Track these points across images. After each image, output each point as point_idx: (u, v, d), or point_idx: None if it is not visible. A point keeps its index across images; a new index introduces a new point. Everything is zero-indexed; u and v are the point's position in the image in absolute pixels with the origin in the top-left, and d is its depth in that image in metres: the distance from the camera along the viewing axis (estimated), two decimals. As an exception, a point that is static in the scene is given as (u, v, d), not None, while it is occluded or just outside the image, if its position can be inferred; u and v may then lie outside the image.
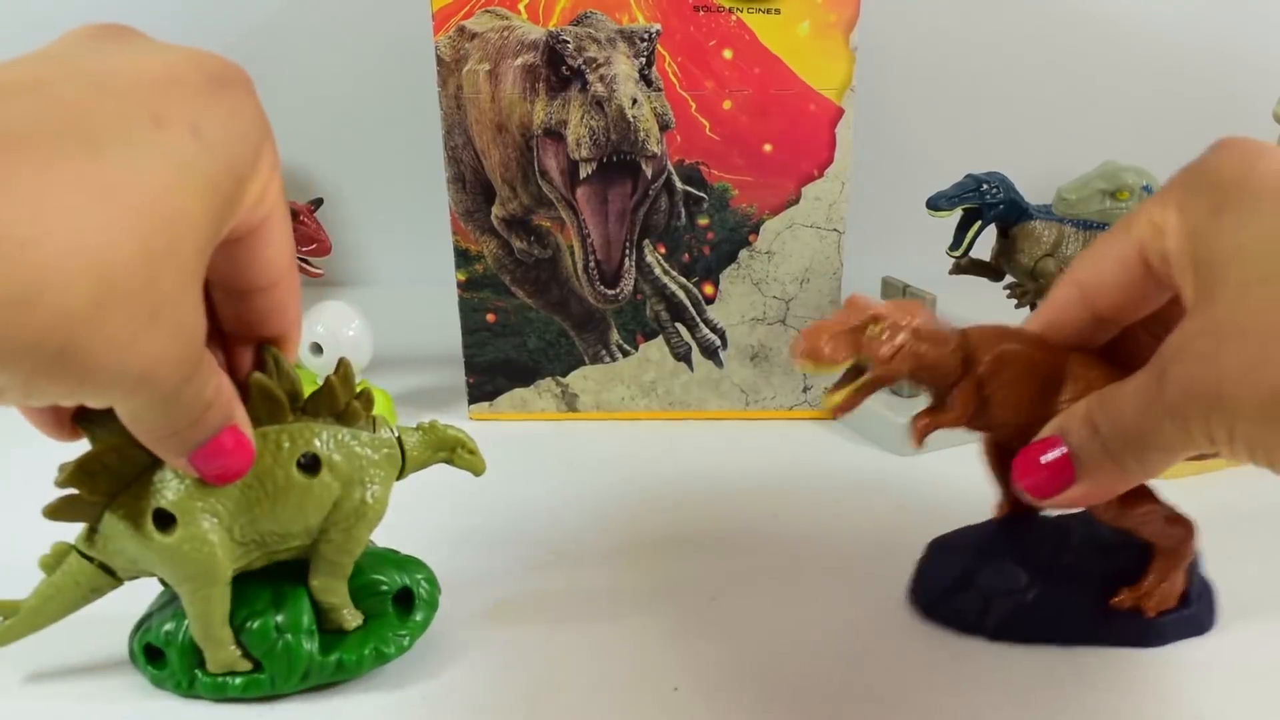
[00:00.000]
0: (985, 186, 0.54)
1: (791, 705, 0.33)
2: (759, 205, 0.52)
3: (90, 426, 0.29)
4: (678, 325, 0.54)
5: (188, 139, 0.23)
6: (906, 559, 0.39)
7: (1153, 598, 0.35)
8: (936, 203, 0.53)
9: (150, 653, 0.33)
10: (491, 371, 0.55)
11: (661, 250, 0.53)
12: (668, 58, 0.49)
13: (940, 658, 0.36)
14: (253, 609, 0.33)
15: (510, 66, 0.49)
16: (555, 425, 0.55)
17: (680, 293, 0.53)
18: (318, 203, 0.57)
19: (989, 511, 0.38)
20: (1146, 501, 0.33)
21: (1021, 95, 0.77)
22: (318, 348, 0.52)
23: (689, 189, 0.51)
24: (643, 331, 0.54)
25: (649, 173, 0.51)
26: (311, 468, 0.31)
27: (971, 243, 0.55)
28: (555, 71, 0.49)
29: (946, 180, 0.54)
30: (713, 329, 0.54)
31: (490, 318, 0.54)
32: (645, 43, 0.48)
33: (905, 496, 0.47)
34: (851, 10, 0.48)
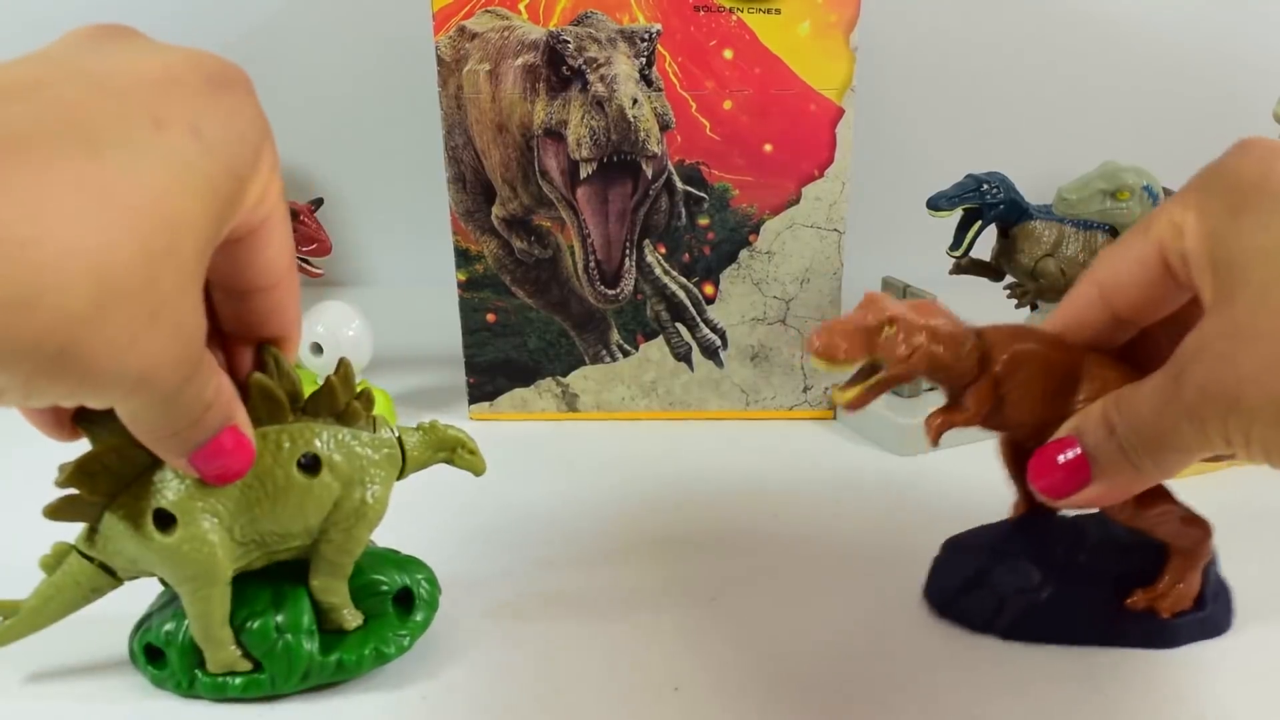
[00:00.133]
0: (985, 186, 0.54)
1: (793, 705, 0.33)
2: (759, 205, 0.52)
3: (90, 427, 0.29)
4: (678, 325, 0.54)
5: (188, 140, 0.23)
6: (907, 559, 0.39)
7: (1168, 599, 0.35)
8: (936, 203, 0.53)
9: (150, 653, 0.33)
10: (492, 371, 0.55)
11: (662, 250, 0.53)
12: (668, 58, 0.49)
13: (950, 657, 0.35)
14: (253, 609, 0.33)
15: (511, 66, 0.49)
16: (555, 425, 0.55)
17: (680, 293, 0.53)
18: (318, 203, 0.57)
19: (990, 512, 0.38)
20: (1162, 502, 0.33)
21: (1021, 95, 0.77)
22: (318, 348, 0.52)
23: (689, 189, 0.51)
24: (643, 331, 0.54)
25: (649, 173, 0.51)
26: (312, 468, 0.31)
27: (972, 243, 0.55)
28: (556, 71, 0.49)
29: (946, 180, 0.54)
30: (713, 329, 0.54)
31: (490, 318, 0.54)
32: (646, 43, 0.48)
33: (905, 496, 0.47)
34: (851, 10, 0.48)
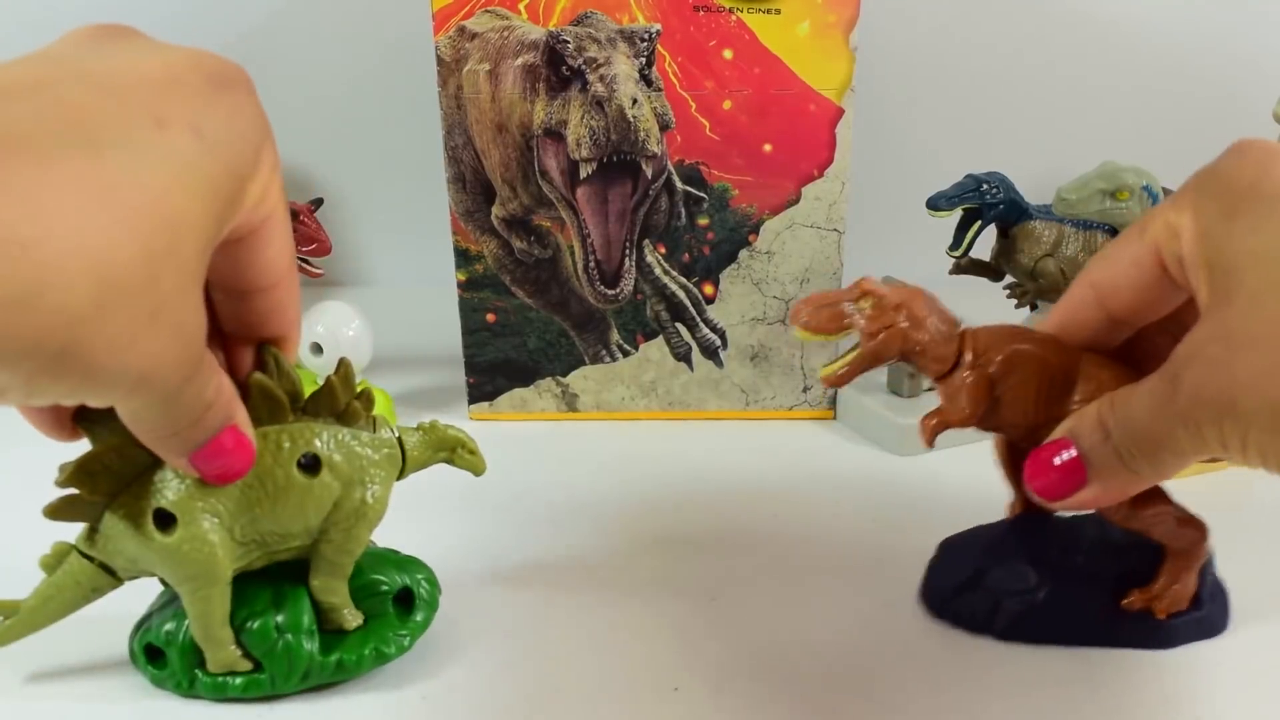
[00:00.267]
0: (985, 186, 0.53)
1: (793, 705, 0.33)
2: (759, 205, 0.52)
3: (91, 426, 0.29)
4: (678, 325, 0.54)
5: (188, 139, 0.23)
6: (907, 559, 0.39)
7: (1164, 599, 0.35)
8: (936, 203, 0.53)
9: (150, 653, 0.33)
10: (491, 371, 0.55)
11: (661, 250, 0.53)
12: (668, 58, 0.49)
13: (947, 657, 0.35)
14: (253, 609, 0.33)
15: (510, 66, 0.49)
16: (555, 425, 0.55)
17: (680, 293, 0.53)
18: (318, 203, 0.57)
19: (988, 512, 0.38)
20: (1159, 502, 0.33)
21: (1021, 95, 0.77)
22: (318, 348, 0.52)
23: (689, 189, 0.51)
24: (643, 331, 0.54)
25: (649, 173, 0.51)
26: (312, 468, 0.31)
27: (971, 243, 0.55)
28: (555, 71, 0.49)
29: (946, 180, 0.54)
30: (713, 329, 0.54)
31: (490, 318, 0.54)
32: (645, 43, 0.48)
33: (905, 497, 0.47)
34: (851, 10, 0.48)
